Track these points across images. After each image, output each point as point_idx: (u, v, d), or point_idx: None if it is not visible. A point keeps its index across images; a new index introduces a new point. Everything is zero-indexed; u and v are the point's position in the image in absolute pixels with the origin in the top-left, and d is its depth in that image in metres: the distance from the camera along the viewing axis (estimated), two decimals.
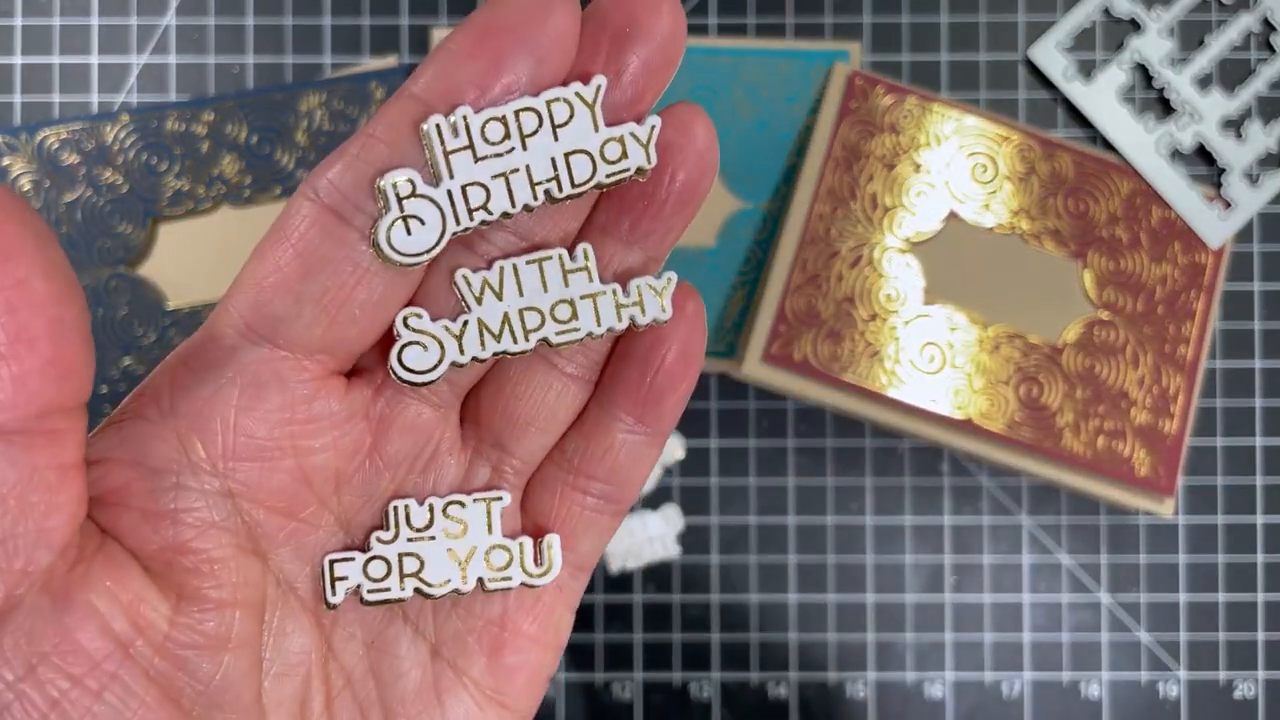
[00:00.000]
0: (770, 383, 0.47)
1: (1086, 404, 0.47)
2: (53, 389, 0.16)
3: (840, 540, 0.49)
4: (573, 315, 0.21)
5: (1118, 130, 0.48)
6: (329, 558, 0.21)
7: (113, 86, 0.49)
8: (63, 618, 0.18)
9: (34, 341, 0.16)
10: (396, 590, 0.21)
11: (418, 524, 0.22)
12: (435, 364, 0.21)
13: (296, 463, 0.20)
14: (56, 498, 0.17)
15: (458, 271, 0.21)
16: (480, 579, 0.22)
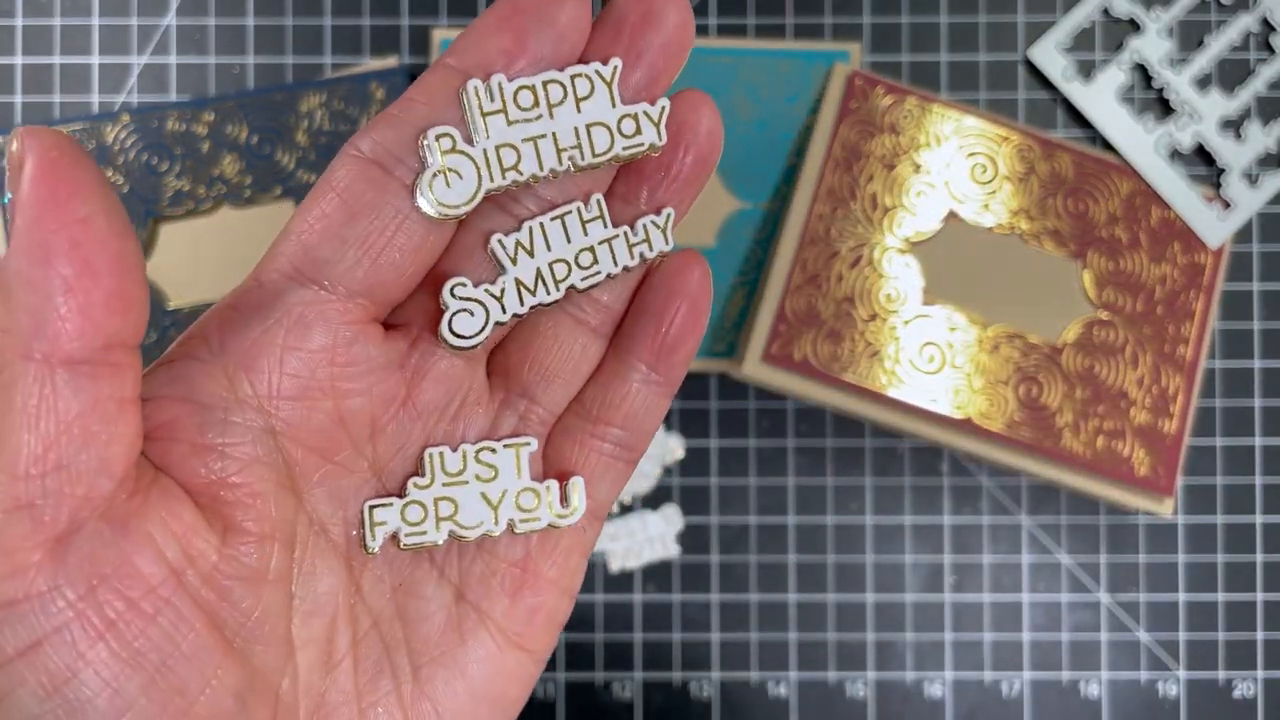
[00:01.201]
0: (770, 382, 0.47)
1: (1086, 404, 0.47)
2: (116, 321, 0.18)
3: (840, 540, 0.49)
4: (594, 260, 0.23)
5: (1117, 130, 0.48)
6: (369, 503, 0.22)
7: (113, 87, 0.49)
8: (121, 543, 0.19)
9: (98, 275, 0.17)
10: (432, 534, 0.23)
11: (452, 470, 0.23)
12: (481, 328, 0.22)
13: (335, 405, 0.21)
14: (117, 428, 0.18)
15: (493, 236, 0.22)
16: (510, 520, 0.23)
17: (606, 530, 0.49)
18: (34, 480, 0.18)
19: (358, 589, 0.23)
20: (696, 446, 0.49)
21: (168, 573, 0.19)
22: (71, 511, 0.18)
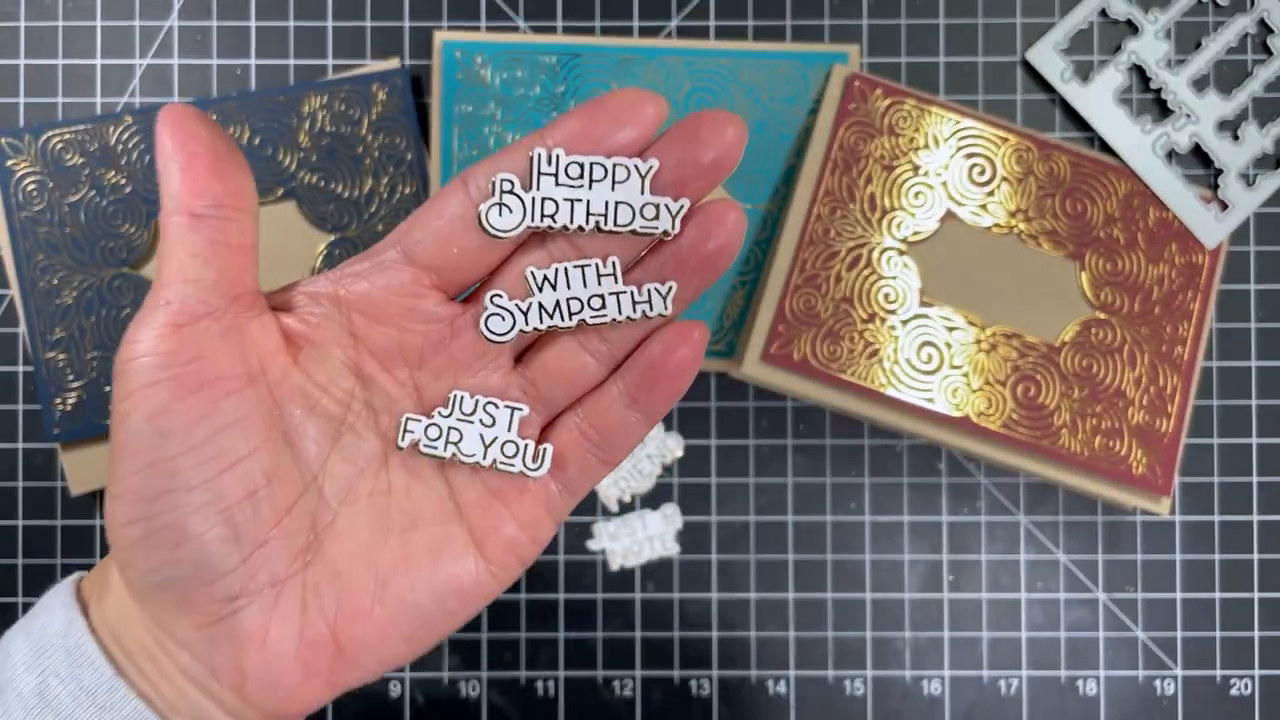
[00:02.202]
0: (769, 382, 0.47)
1: (1083, 403, 0.47)
2: (216, 185, 0.27)
3: (839, 538, 0.50)
4: (602, 305, 0.29)
5: (1115, 132, 0.49)
6: (406, 416, 0.30)
7: (116, 88, 0.49)
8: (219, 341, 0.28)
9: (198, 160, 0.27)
10: (440, 450, 0.30)
11: (465, 410, 0.30)
12: (508, 330, 0.30)
13: (397, 333, 0.30)
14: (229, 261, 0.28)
15: (528, 268, 0.29)
16: (494, 460, 0.31)
17: (607, 529, 0.49)
18: (171, 286, 0.27)
19: (385, 462, 0.31)
20: (696, 445, 0.50)
21: (244, 370, 0.28)
22: (190, 310, 0.27)
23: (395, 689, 0.49)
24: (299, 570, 0.30)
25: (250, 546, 0.29)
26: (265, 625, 0.29)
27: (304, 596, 0.30)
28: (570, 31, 0.49)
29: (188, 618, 0.29)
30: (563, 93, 0.48)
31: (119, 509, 0.28)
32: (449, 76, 0.48)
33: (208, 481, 0.28)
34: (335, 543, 0.30)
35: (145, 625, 0.29)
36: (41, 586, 0.49)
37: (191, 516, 0.28)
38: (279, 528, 0.29)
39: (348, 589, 0.30)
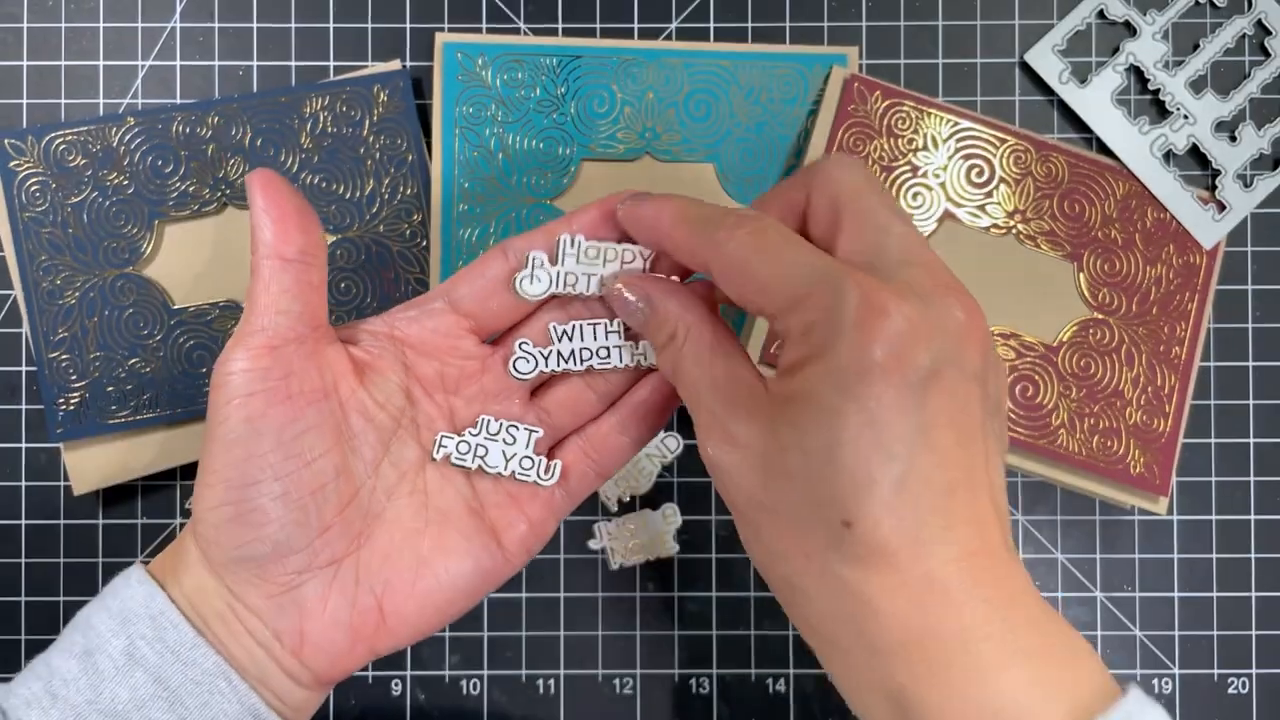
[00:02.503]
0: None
1: (1081, 403, 0.47)
2: (300, 238, 0.34)
3: None
4: (608, 355, 0.37)
5: (1112, 133, 0.49)
6: (441, 434, 0.37)
7: (119, 89, 0.50)
8: (303, 361, 0.34)
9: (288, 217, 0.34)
10: (469, 463, 0.37)
11: (491, 431, 0.38)
12: (531, 370, 0.38)
13: (439, 364, 0.38)
14: (310, 298, 0.35)
15: (550, 323, 0.37)
16: (513, 471, 0.38)
17: (607, 529, 0.49)
18: (266, 315, 0.34)
19: (423, 469, 0.38)
20: (695, 445, 0.50)
21: (321, 386, 0.35)
22: (282, 335, 0.34)
23: (397, 687, 0.50)
24: (354, 551, 0.36)
25: (317, 530, 0.35)
26: (325, 596, 0.35)
27: (357, 573, 0.36)
28: (571, 33, 0.50)
29: (261, 587, 0.35)
30: (563, 94, 0.48)
31: (212, 494, 0.34)
32: (450, 78, 0.48)
33: (290, 475, 0.34)
34: (384, 531, 0.37)
35: (221, 595, 0.35)
36: (44, 586, 0.49)
37: (275, 502, 0.34)
38: (340, 516, 0.35)
39: (394, 568, 0.36)
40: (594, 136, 0.48)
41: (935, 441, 0.29)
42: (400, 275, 0.48)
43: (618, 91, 0.48)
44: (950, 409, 0.29)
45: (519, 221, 0.48)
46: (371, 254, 0.48)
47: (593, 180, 0.49)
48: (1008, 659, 0.28)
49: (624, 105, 0.48)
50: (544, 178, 0.48)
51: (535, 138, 0.48)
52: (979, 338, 0.30)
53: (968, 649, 0.29)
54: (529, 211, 0.48)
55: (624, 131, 0.48)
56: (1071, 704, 0.28)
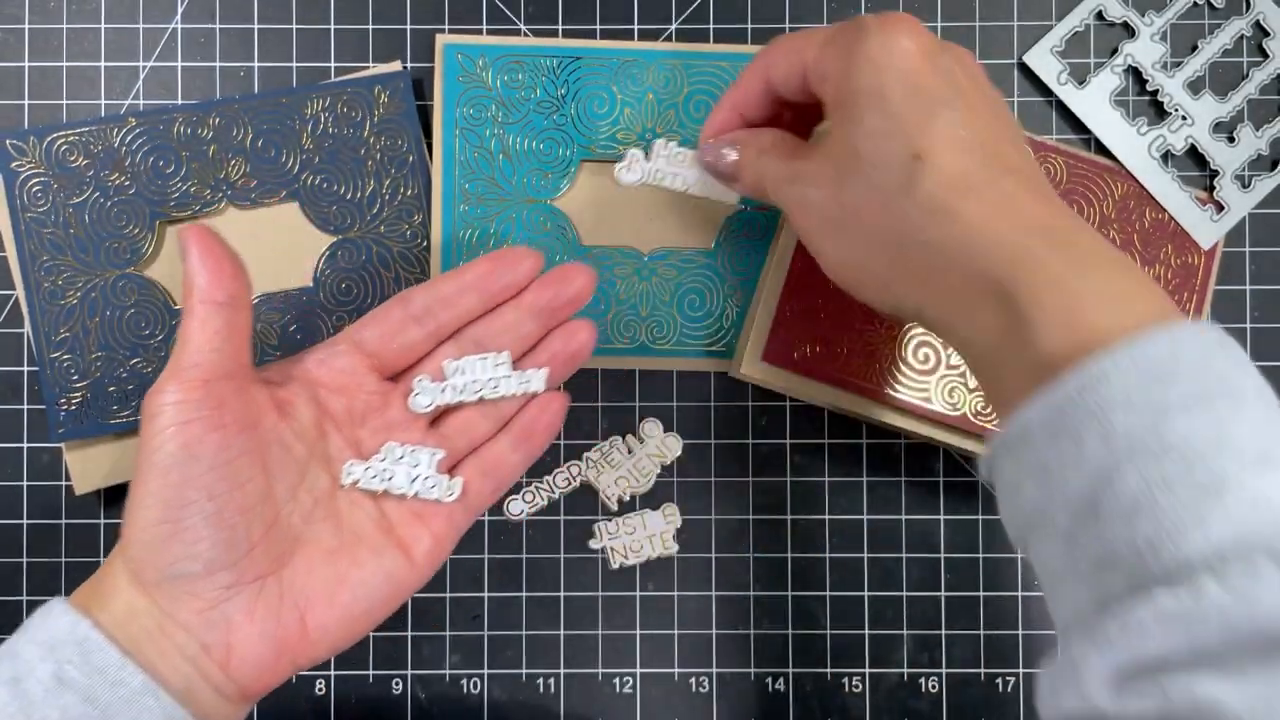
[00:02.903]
0: (768, 382, 0.47)
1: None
2: (230, 284, 0.38)
3: (837, 537, 0.50)
4: (497, 385, 0.43)
5: (1111, 134, 0.49)
6: (349, 462, 0.42)
7: (120, 90, 0.50)
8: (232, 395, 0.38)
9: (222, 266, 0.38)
10: (376, 486, 0.42)
11: (396, 456, 0.42)
12: (429, 404, 0.43)
13: (347, 400, 0.43)
14: (237, 340, 0.38)
15: (444, 360, 0.43)
16: (418, 491, 0.42)
17: (607, 528, 0.50)
18: (200, 353, 0.38)
19: (333, 495, 0.42)
20: (696, 444, 0.50)
21: (249, 419, 0.39)
22: (214, 370, 0.38)
23: (398, 686, 0.50)
24: (278, 570, 0.40)
25: (245, 548, 0.38)
26: (252, 610, 0.39)
27: (281, 589, 0.40)
28: (571, 34, 0.50)
29: (192, 603, 0.38)
30: (563, 95, 0.48)
31: (148, 514, 0.37)
32: (450, 79, 0.48)
33: (222, 495, 0.37)
34: (303, 551, 0.41)
35: (152, 615, 0.37)
36: (45, 585, 0.50)
37: (207, 521, 0.37)
38: (265, 536, 0.39)
39: (314, 584, 0.40)
40: (594, 137, 0.49)
41: (973, 105, 0.35)
42: (401, 275, 0.49)
43: (617, 92, 0.48)
44: (975, 90, 0.36)
45: (519, 222, 0.49)
46: (372, 254, 0.48)
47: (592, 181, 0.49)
48: (1095, 260, 0.32)
49: (624, 106, 0.48)
50: (544, 178, 0.49)
51: (535, 138, 0.48)
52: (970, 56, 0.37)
53: (1058, 243, 0.33)
54: (529, 212, 0.49)
55: (624, 132, 0.49)
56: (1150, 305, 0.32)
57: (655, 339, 0.49)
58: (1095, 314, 0.31)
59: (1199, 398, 0.29)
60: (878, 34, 0.35)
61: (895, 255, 0.36)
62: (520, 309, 0.44)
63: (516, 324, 0.44)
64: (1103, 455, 0.29)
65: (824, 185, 0.37)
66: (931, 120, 0.34)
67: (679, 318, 0.49)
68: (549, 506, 0.50)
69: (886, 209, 0.35)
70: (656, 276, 0.49)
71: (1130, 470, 0.29)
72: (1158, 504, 0.28)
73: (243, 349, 0.39)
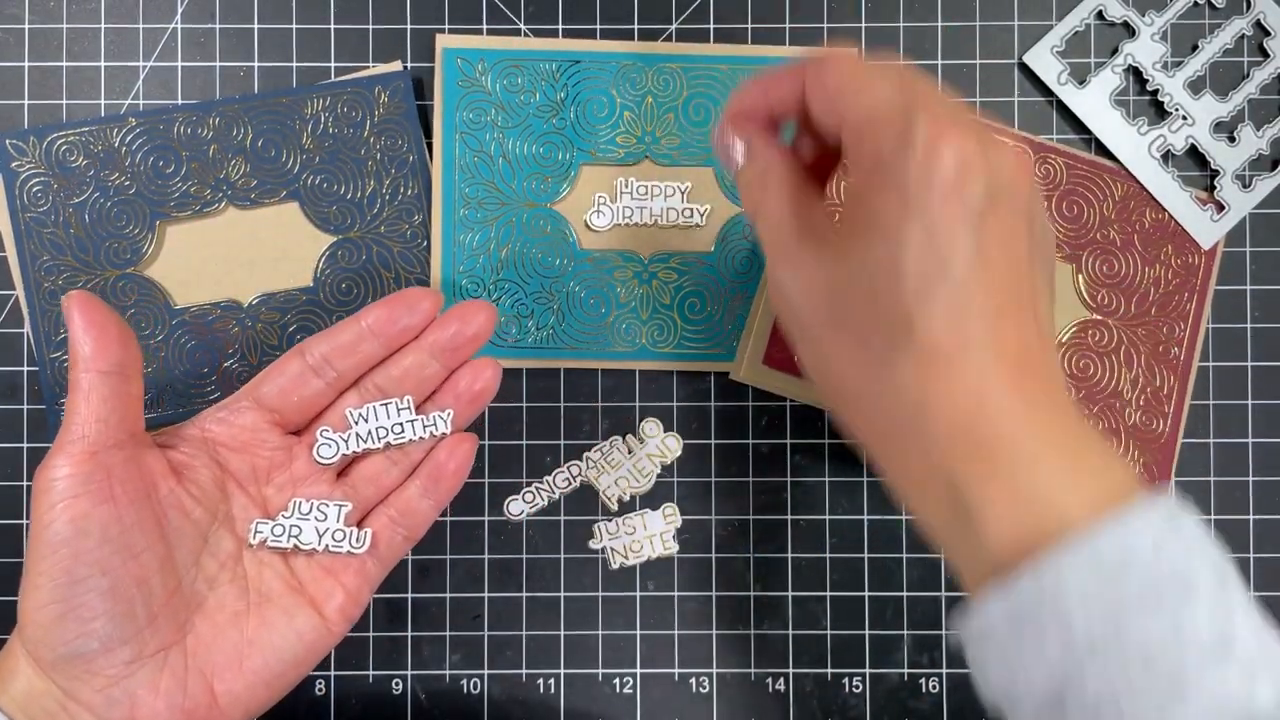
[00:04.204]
0: (768, 385, 0.48)
1: (1080, 404, 0.49)
2: (118, 352, 0.39)
3: (837, 537, 0.51)
4: (402, 430, 0.44)
5: (1111, 134, 0.50)
6: (256, 521, 0.42)
7: (120, 90, 0.50)
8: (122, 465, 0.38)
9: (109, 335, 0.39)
10: (284, 543, 0.42)
11: (303, 511, 0.43)
12: (334, 455, 0.44)
13: (249, 458, 0.43)
14: (127, 407, 0.39)
15: (346, 409, 0.44)
16: (326, 545, 0.43)
17: (606, 529, 0.50)
18: (86, 424, 0.38)
19: (239, 557, 0.42)
20: (696, 445, 0.51)
21: (141, 487, 0.39)
22: (101, 441, 0.38)
23: (398, 686, 0.51)
24: (181, 639, 0.40)
25: (145, 620, 0.38)
26: (156, 683, 0.39)
27: (186, 659, 0.40)
28: (571, 34, 0.51)
29: (91, 681, 0.38)
30: (563, 99, 0.49)
31: (39, 594, 0.37)
32: (450, 83, 0.49)
33: (115, 569, 0.37)
34: (208, 617, 0.41)
35: (52, 695, 0.38)
36: None
37: (102, 596, 0.37)
38: (166, 605, 0.39)
39: (221, 650, 0.40)
40: (593, 141, 0.49)
41: (989, 261, 0.33)
42: (401, 276, 0.49)
43: (617, 96, 0.49)
44: (1002, 236, 0.33)
45: (519, 225, 0.49)
46: (372, 254, 0.49)
47: (592, 182, 0.50)
48: (1045, 451, 0.32)
49: (623, 110, 0.49)
50: (544, 182, 0.49)
51: (535, 142, 0.49)
52: (1027, 180, 0.34)
53: (1012, 439, 0.32)
54: (529, 215, 0.50)
55: (623, 136, 0.49)
56: (1098, 493, 0.31)
57: (656, 342, 0.50)
58: (1045, 507, 0.31)
59: (1154, 592, 0.29)
60: (921, 155, 0.32)
61: (866, 402, 0.35)
62: (421, 350, 0.44)
63: (418, 366, 0.44)
64: (1064, 656, 0.30)
65: (810, 295, 0.35)
66: (935, 289, 0.32)
67: (680, 321, 0.50)
68: (549, 506, 0.51)
69: (866, 361, 0.34)
70: (657, 280, 0.50)
71: (1093, 672, 0.29)
72: (1122, 709, 0.29)
73: (132, 417, 0.39)
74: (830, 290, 0.35)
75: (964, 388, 0.32)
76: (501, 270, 0.49)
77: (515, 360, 0.50)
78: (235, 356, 0.49)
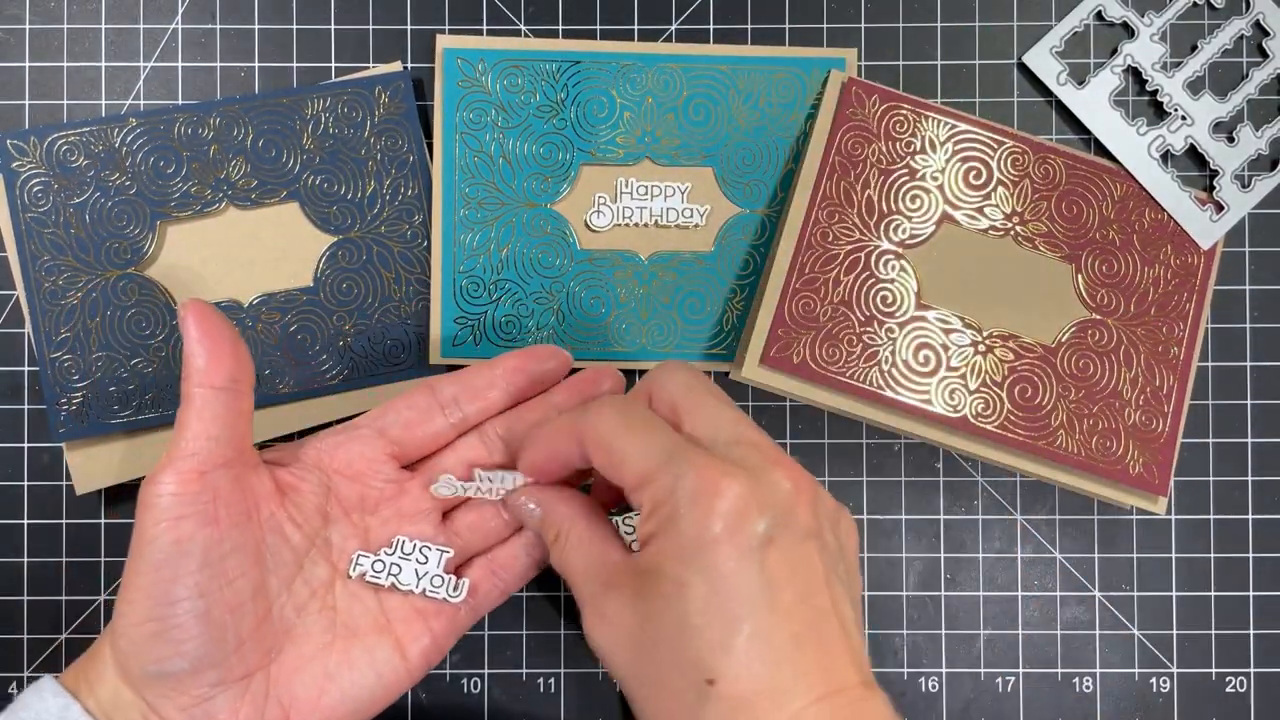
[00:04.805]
0: (768, 385, 0.49)
1: (1080, 404, 0.49)
2: (231, 366, 0.38)
3: None
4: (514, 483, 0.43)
5: (1110, 134, 0.50)
6: (358, 552, 0.42)
7: (121, 91, 0.51)
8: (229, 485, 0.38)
9: (222, 347, 0.38)
10: (384, 580, 0.42)
11: (405, 551, 0.43)
12: (450, 494, 0.43)
13: (360, 487, 0.43)
14: (239, 424, 0.39)
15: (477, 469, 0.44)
16: (424, 589, 0.42)
17: None
18: (197, 441, 0.38)
19: (332, 587, 0.42)
20: None
21: (245, 510, 0.39)
22: (211, 460, 0.38)
23: None
24: (266, 666, 0.40)
25: (234, 646, 0.38)
26: (237, 709, 0.39)
27: (268, 687, 0.39)
28: (571, 35, 0.51)
29: (176, 700, 0.38)
30: (563, 99, 0.50)
31: (136, 611, 0.37)
32: (450, 84, 0.50)
33: (211, 594, 0.37)
34: (294, 646, 0.40)
35: (137, 707, 0.38)
36: (46, 585, 0.51)
37: (196, 620, 0.37)
38: (255, 632, 0.39)
39: (302, 682, 0.40)
40: (594, 141, 0.50)
41: (777, 600, 0.33)
42: (401, 276, 0.50)
43: (617, 97, 0.50)
44: (788, 569, 0.33)
45: (520, 226, 0.50)
46: (373, 254, 0.50)
47: (592, 183, 0.51)
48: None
49: (623, 110, 0.50)
50: (544, 182, 0.50)
51: (535, 143, 0.50)
52: (807, 500, 0.35)
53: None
54: (530, 216, 0.50)
55: (623, 136, 0.50)
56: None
57: (656, 343, 0.50)
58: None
59: None
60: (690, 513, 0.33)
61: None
62: (548, 409, 0.44)
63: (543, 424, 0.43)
64: None
65: (622, 647, 0.36)
66: (729, 641, 0.33)
67: (680, 321, 0.50)
68: None
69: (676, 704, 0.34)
70: (657, 280, 0.50)
71: None
72: None
73: (242, 435, 0.39)
74: (635, 645, 0.35)
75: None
76: (501, 270, 0.50)
77: None
78: None
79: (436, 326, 0.50)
